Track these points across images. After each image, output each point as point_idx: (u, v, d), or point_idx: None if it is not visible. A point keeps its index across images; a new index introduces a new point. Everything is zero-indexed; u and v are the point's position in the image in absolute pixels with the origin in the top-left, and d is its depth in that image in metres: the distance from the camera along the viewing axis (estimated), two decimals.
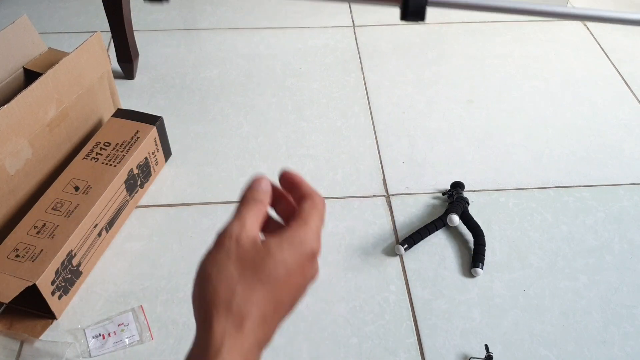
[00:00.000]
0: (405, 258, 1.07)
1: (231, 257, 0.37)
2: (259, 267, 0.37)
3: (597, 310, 1.00)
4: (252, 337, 0.36)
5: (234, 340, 0.35)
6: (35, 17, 1.65)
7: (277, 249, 0.38)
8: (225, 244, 0.38)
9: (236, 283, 0.36)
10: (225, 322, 0.35)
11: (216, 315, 0.35)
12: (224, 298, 0.36)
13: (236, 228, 0.38)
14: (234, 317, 0.35)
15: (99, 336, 0.92)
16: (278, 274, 0.37)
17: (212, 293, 0.36)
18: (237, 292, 0.36)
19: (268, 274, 0.37)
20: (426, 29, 1.68)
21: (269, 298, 0.37)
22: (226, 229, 0.38)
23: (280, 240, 0.38)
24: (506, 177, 1.24)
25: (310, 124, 1.35)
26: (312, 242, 0.39)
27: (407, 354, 0.93)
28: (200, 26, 1.67)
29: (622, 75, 1.54)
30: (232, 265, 0.37)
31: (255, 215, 0.40)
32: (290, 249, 0.38)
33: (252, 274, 0.37)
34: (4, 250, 0.90)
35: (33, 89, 0.97)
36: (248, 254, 0.37)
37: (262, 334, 0.37)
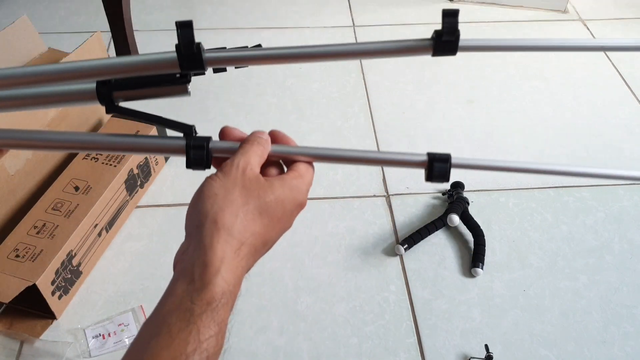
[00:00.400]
0: (405, 258, 1.07)
1: (237, 184, 0.40)
2: (262, 199, 0.40)
3: (597, 310, 1.00)
4: (244, 262, 0.38)
5: (231, 262, 0.37)
6: (35, 17, 1.65)
7: (280, 188, 0.41)
8: (232, 172, 0.40)
9: (239, 209, 0.38)
10: (225, 243, 0.37)
11: (217, 235, 0.37)
12: (228, 221, 0.38)
13: (242, 161, 0.41)
14: (233, 240, 0.38)
15: (99, 336, 0.92)
16: (276, 210, 0.40)
17: (217, 212, 0.38)
18: (240, 218, 0.38)
19: (268, 208, 0.40)
20: (426, 29, 1.68)
21: (264, 232, 0.40)
22: (233, 160, 0.41)
23: (283, 182, 0.41)
24: (506, 177, 1.24)
25: (310, 124, 1.35)
26: (305, 193, 0.43)
27: (407, 354, 0.93)
28: (200, 26, 1.67)
29: (622, 75, 1.54)
30: (238, 191, 0.39)
31: (259, 155, 0.42)
32: (290, 192, 0.41)
33: (254, 205, 0.39)
34: (4, 250, 0.90)
35: None
36: (253, 186, 0.40)
37: (251, 262, 0.39)
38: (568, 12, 1.78)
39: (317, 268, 1.04)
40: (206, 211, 0.38)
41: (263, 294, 1.00)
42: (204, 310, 0.35)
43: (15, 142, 0.45)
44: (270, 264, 1.04)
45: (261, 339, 0.94)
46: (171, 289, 0.36)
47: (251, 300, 0.99)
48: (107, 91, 0.42)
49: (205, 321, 0.35)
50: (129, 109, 0.44)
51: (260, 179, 0.41)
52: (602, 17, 1.77)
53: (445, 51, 0.41)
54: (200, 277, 0.36)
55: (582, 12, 1.79)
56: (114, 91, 0.42)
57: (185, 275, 0.36)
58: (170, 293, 0.36)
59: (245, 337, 0.94)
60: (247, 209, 0.39)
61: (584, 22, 1.75)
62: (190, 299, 0.35)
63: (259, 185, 0.40)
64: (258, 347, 0.93)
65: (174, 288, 0.36)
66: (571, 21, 1.75)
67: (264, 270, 1.03)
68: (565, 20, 1.75)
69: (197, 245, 0.37)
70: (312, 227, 1.11)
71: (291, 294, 1.00)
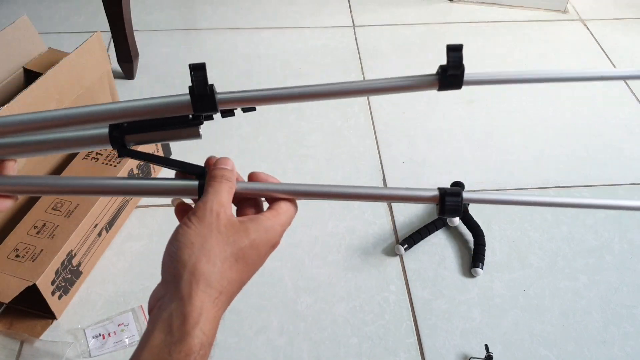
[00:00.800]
0: (405, 258, 1.07)
1: (213, 231, 0.39)
2: (237, 245, 0.39)
3: (597, 310, 1.00)
4: (221, 311, 0.38)
5: (209, 312, 0.37)
6: (35, 17, 1.65)
7: (254, 232, 0.40)
8: (206, 218, 0.40)
9: (217, 258, 0.38)
10: (204, 294, 0.37)
11: (196, 287, 0.37)
12: (206, 271, 0.38)
13: (216, 204, 0.40)
14: (212, 290, 0.37)
15: (99, 336, 0.92)
16: (251, 255, 0.40)
17: (195, 263, 0.38)
18: (217, 267, 0.38)
19: (243, 255, 0.40)
20: (426, 29, 1.68)
21: (239, 277, 0.40)
22: (206, 203, 0.40)
23: (257, 224, 0.41)
24: (506, 177, 1.24)
25: (310, 124, 1.35)
26: (279, 234, 0.42)
27: (407, 354, 0.93)
28: (200, 26, 1.67)
29: None
30: (214, 239, 0.39)
31: (229, 193, 0.42)
32: (265, 234, 0.41)
33: (230, 252, 0.39)
34: (4, 250, 0.90)
35: (33, 89, 0.97)
36: (228, 231, 0.39)
37: (226, 307, 0.39)
38: (568, 12, 1.78)
39: (317, 268, 1.04)
40: (184, 261, 0.38)
41: (263, 294, 1.00)
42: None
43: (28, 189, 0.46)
44: (270, 264, 1.04)
45: (261, 339, 0.94)
46: (148, 338, 0.36)
47: (251, 300, 0.99)
48: (119, 135, 0.43)
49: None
50: (141, 153, 0.45)
51: (234, 223, 0.40)
52: (602, 17, 1.77)
53: (451, 86, 0.42)
54: (178, 329, 0.36)
55: (582, 12, 1.79)
56: (126, 135, 0.43)
57: (163, 326, 0.36)
58: (147, 343, 0.36)
59: (245, 337, 0.94)
60: (224, 256, 0.39)
61: (584, 22, 1.75)
62: (168, 351, 0.35)
63: (234, 230, 0.40)
64: (258, 347, 0.93)
65: (152, 338, 0.36)
66: (571, 21, 1.75)
67: (264, 270, 1.03)
68: (565, 20, 1.75)
69: (175, 295, 0.37)
70: (312, 227, 1.11)
71: (291, 294, 1.00)
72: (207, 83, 0.41)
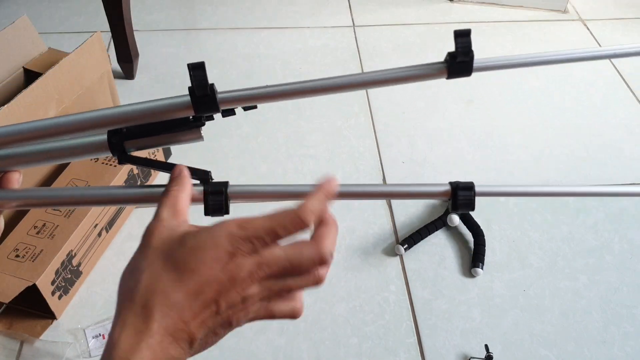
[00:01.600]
0: (405, 258, 1.07)
1: (143, 251, 0.37)
2: (171, 254, 0.35)
3: (597, 310, 1.00)
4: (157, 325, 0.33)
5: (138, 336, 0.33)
6: (35, 17, 1.65)
7: (191, 239, 0.36)
8: (144, 240, 0.37)
9: (141, 273, 0.35)
10: (130, 314, 0.34)
11: (123, 309, 0.35)
12: (128, 288, 0.35)
13: (157, 225, 0.38)
14: (137, 306, 0.34)
15: (99, 336, 0.92)
16: (187, 260, 0.35)
17: (120, 286, 0.36)
18: (142, 281, 0.35)
19: (175, 260, 0.35)
20: (426, 29, 1.68)
21: (175, 285, 0.34)
22: (149, 228, 0.38)
23: (198, 231, 0.36)
24: (506, 177, 1.24)
25: (310, 124, 1.35)
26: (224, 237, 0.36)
27: (407, 354, 0.93)
28: (200, 26, 1.67)
29: (622, 75, 1.54)
30: (143, 259, 0.36)
31: (173, 205, 0.39)
32: (204, 239, 0.36)
33: (162, 263, 0.35)
34: (4, 250, 0.90)
35: (33, 89, 0.97)
36: (164, 246, 0.36)
37: (170, 322, 0.34)
38: (568, 12, 1.78)
39: None
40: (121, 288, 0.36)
41: None
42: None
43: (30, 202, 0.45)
44: None
45: (261, 339, 0.94)
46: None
47: None
48: (118, 141, 0.42)
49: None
50: (142, 159, 0.43)
51: (172, 235, 0.36)
52: (602, 17, 1.77)
53: (460, 73, 0.41)
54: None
55: (582, 12, 1.79)
56: (125, 141, 0.42)
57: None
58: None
59: (245, 337, 0.94)
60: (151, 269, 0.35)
61: (584, 22, 1.75)
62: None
63: (171, 242, 0.36)
64: (258, 347, 0.93)
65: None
66: (571, 21, 1.75)
67: None
68: (565, 20, 1.75)
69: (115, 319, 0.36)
70: None
71: None
72: (208, 83, 0.40)
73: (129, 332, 0.33)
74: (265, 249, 0.36)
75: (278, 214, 0.37)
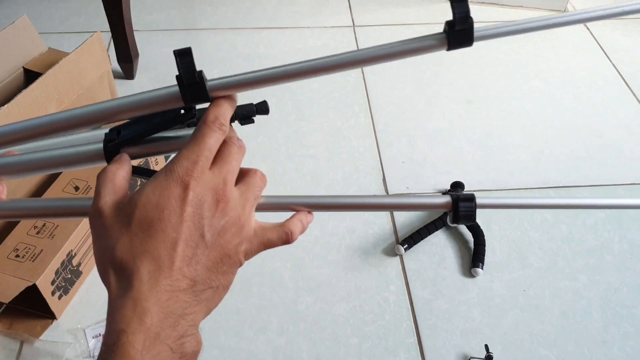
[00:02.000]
0: (405, 258, 1.07)
1: (100, 228, 0.36)
2: (128, 220, 0.35)
3: (597, 310, 1.00)
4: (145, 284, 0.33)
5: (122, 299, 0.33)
6: (35, 17, 1.65)
7: (137, 194, 0.36)
8: (92, 223, 0.37)
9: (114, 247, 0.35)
10: (114, 284, 0.34)
11: (106, 282, 0.35)
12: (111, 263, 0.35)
13: (94, 206, 0.37)
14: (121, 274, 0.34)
15: (99, 336, 0.92)
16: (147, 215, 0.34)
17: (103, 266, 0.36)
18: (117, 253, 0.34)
19: (138, 221, 0.34)
20: (426, 29, 1.68)
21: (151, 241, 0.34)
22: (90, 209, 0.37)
23: (140, 188, 0.36)
24: (506, 177, 1.24)
25: (310, 124, 1.35)
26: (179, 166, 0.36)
27: (407, 354, 0.93)
28: (200, 26, 1.67)
29: (622, 75, 1.54)
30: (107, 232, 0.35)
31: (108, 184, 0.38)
32: (148, 186, 0.36)
33: (125, 229, 0.35)
34: (4, 250, 0.90)
35: (33, 89, 0.97)
36: (115, 217, 0.36)
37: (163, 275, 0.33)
38: (568, 12, 1.78)
39: (317, 268, 1.04)
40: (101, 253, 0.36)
41: (263, 294, 1.00)
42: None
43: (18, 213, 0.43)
44: (270, 264, 1.04)
45: (261, 339, 0.94)
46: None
47: (251, 300, 0.99)
48: (114, 149, 0.40)
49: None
50: (140, 168, 0.42)
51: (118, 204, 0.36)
52: None
53: (461, 42, 0.38)
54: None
55: None
56: (122, 149, 0.41)
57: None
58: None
59: (245, 337, 0.94)
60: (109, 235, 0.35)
61: (584, 23, 1.74)
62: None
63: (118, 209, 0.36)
64: (258, 347, 0.93)
65: None
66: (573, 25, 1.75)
67: (264, 270, 1.03)
68: (566, 26, 1.75)
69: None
70: (312, 227, 1.11)
71: (291, 294, 1.00)
72: (195, 70, 0.37)
73: (125, 306, 0.33)
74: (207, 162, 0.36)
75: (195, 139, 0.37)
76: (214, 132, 0.37)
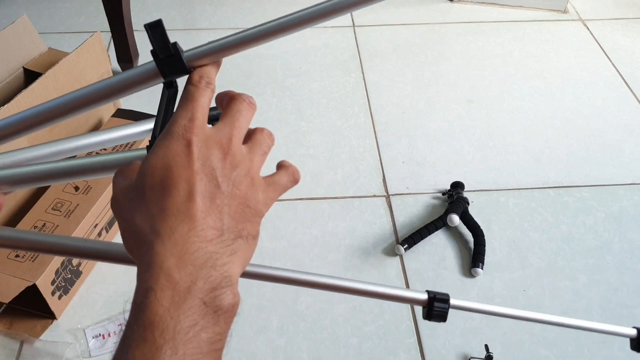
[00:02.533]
0: (405, 258, 1.07)
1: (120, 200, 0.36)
2: (140, 187, 0.34)
3: (597, 310, 1.00)
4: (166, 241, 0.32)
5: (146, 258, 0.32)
6: (35, 17, 1.65)
7: (141, 165, 0.35)
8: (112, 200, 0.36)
9: (132, 216, 0.34)
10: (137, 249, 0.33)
11: (131, 251, 0.34)
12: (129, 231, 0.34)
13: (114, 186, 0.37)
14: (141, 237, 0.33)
15: (99, 336, 0.92)
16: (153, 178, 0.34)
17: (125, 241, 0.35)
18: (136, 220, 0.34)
19: (145, 186, 0.34)
20: (426, 29, 1.68)
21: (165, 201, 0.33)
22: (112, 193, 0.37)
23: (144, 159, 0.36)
24: (506, 177, 1.24)
25: (310, 124, 1.35)
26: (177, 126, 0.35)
27: (407, 354, 0.93)
28: (200, 26, 1.67)
29: (622, 75, 1.54)
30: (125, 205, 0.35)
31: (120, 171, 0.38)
32: (150, 153, 0.35)
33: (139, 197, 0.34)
34: (4, 250, 0.90)
35: (33, 89, 0.97)
36: (130, 187, 0.35)
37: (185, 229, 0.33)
38: (568, 12, 1.78)
39: (317, 268, 1.04)
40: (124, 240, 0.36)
41: (263, 294, 1.00)
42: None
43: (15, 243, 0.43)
44: (270, 264, 1.04)
45: (261, 339, 0.94)
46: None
47: (251, 300, 0.99)
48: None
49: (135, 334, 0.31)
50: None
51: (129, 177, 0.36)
52: (602, 17, 1.77)
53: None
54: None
55: (582, 12, 1.79)
56: None
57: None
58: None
59: (245, 337, 0.94)
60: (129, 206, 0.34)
61: (584, 22, 1.75)
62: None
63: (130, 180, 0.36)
64: (258, 347, 0.93)
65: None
66: (571, 21, 1.75)
67: None
68: (565, 20, 1.75)
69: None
70: (312, 227, 1.11)
71: (291, 294, 1.00)
72: (169, 42, 0.36)
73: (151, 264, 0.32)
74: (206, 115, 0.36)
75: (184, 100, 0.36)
76: (202, 89, 0.37)
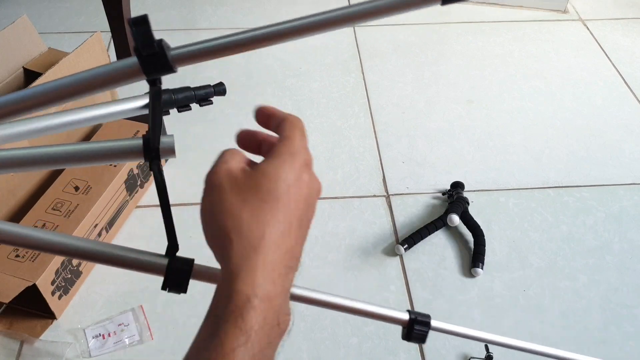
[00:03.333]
0: (405, 258, 1.07)
1: (226, 189, 0.37)
2: (259, 189, 0.36)
3: (597, 310, 1.00)
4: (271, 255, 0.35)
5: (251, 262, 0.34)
6: (35, 17, 1.65)
7: (270, 167, 0.37)
8: (215, 181, 0.37)
9: (240, 210, 0.36)
10: (239, 247, 0.35)
11: (229, 245, 0.35)
12: (233, 227, 0.36)
13: (221, 165, 0.38)
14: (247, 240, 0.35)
15: (99, 336, 0.92)
16: (279, 189, 0.36)
17: (220, 228, 0.36)
18: (244, 217, 0.36)
19: (268, 192, 0.36)
20: (426, 29, 1.68)
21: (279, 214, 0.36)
22: (211, 170, 0.38)
23: (271, 159, 0.38)
24: (506, 177, 1.24)
25: (310, 124, 1.35)
26: (300, 152, 0.39)
27: (407, 354, 0.93)
28: (200, 26, 1.67)
29: (622, 75, 1.54)
30: (231, 196, 0.36)
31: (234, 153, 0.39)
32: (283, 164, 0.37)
33: (254, 197, 0.36)
34: (4, 250, 0.90)
35: None
36: (244, 182, 0.37)
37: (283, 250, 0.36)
38: (568, 12, 1.78)
39: (317, 268, 1.04)
40: (213, 234, 0.37)
41: None
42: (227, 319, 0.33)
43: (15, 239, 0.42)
44: None
45: None
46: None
47: None
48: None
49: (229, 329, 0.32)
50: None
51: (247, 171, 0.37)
52: (602, 17, 1.77)
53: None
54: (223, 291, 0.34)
55: (582, 12, 1.79)
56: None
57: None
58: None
59: None
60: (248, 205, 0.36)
61: (584, 22, 1.75)
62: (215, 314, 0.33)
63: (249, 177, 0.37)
64: None
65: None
66: (571, 21, 1.75)
67: None
68: (565, 20, 1.75)
69: (221, 268, 0.36)
70: (312, 227, 1.10)
71: None
72: (154, 39, 0.35)
73: (242, 261, 0.34)
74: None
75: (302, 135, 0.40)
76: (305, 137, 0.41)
